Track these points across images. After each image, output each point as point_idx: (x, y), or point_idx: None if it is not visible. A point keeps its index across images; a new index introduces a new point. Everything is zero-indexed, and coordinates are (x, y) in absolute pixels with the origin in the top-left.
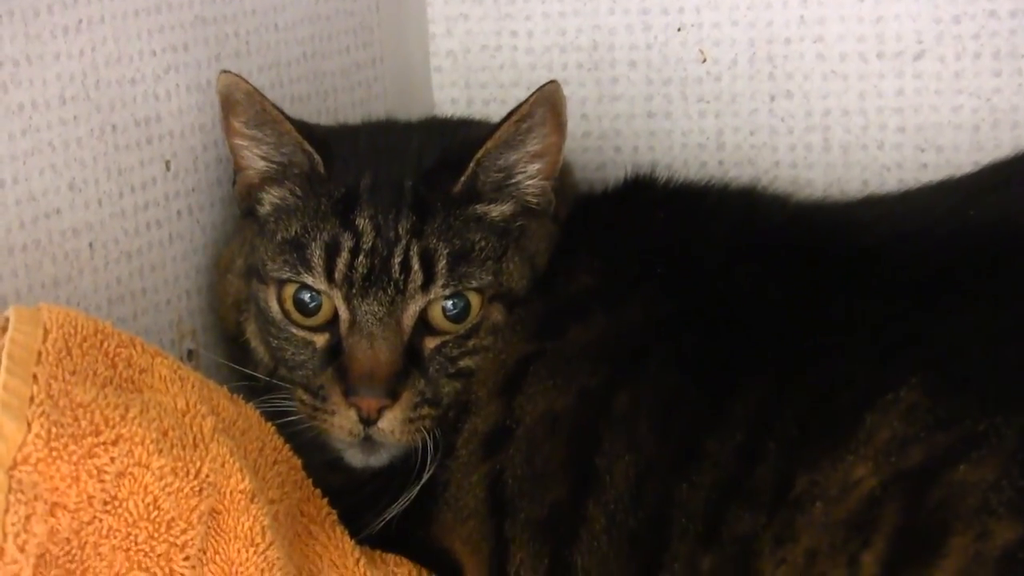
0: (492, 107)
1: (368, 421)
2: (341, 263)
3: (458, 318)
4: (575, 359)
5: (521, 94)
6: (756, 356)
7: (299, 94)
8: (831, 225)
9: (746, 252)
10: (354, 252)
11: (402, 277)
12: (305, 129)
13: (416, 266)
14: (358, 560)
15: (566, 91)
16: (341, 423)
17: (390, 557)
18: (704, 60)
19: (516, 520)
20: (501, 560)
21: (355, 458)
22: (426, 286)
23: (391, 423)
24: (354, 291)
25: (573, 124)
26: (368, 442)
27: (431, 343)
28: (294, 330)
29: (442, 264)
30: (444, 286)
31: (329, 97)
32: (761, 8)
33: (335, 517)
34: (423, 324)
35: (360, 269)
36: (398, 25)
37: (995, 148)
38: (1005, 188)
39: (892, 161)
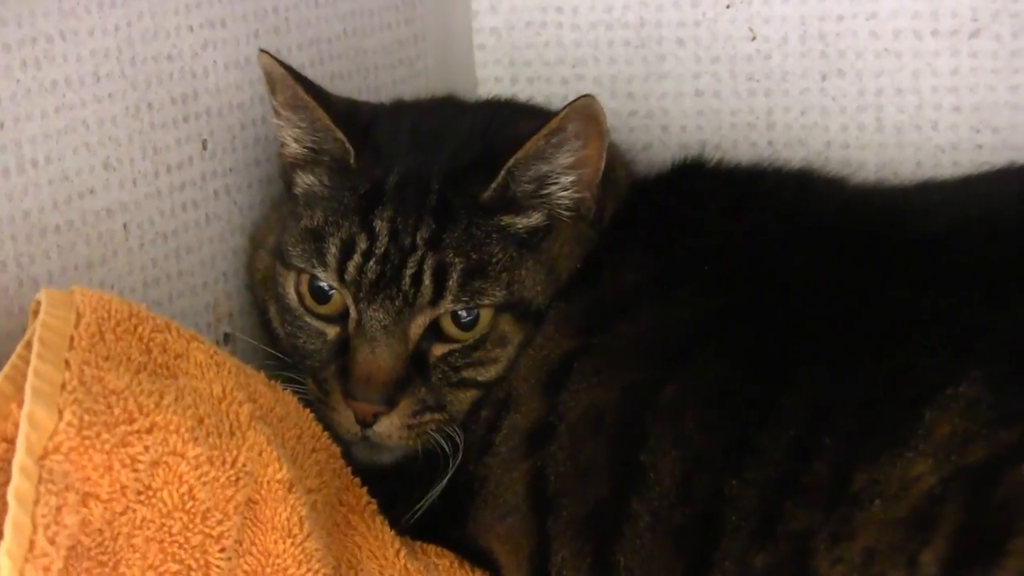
0: (536, 85)
1: (365, 423)
2: (351, 266)
3: (469, 326)
4: (621, 354)
5: (566, 72)
6: (808, 348)
7: (339, 71)
8: (889, 211)
9: (800, 240)
10: (366, 256)
11: (412, 289)
12: (346, 112)
13: (427, 280)
14: (398, 551)
15: (612, 70)
16: (340, 420)
17: (431, 548)
18: (754, 38)
19: (558, 518)
20: (542, 558)
21: (360, 454)
22: (435, 301)
23: (388, 428)
24: (362, 294)
25: (619, 103)
26: (368, 442)
27: (439, 350)
28: (308, 319)
29: (455, 279)
30: (454, 301)
31: (370, 75)
32: None
33: (375, 506)
34: (433, 331)
35: (369, 274)
36: (440, 1)
37: None
38: None
39: (947, 142)
